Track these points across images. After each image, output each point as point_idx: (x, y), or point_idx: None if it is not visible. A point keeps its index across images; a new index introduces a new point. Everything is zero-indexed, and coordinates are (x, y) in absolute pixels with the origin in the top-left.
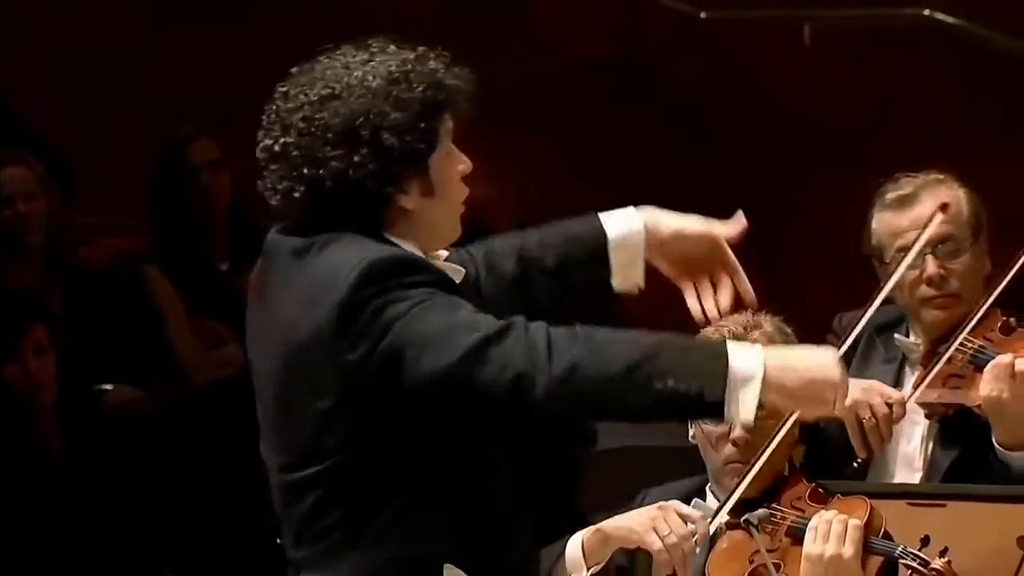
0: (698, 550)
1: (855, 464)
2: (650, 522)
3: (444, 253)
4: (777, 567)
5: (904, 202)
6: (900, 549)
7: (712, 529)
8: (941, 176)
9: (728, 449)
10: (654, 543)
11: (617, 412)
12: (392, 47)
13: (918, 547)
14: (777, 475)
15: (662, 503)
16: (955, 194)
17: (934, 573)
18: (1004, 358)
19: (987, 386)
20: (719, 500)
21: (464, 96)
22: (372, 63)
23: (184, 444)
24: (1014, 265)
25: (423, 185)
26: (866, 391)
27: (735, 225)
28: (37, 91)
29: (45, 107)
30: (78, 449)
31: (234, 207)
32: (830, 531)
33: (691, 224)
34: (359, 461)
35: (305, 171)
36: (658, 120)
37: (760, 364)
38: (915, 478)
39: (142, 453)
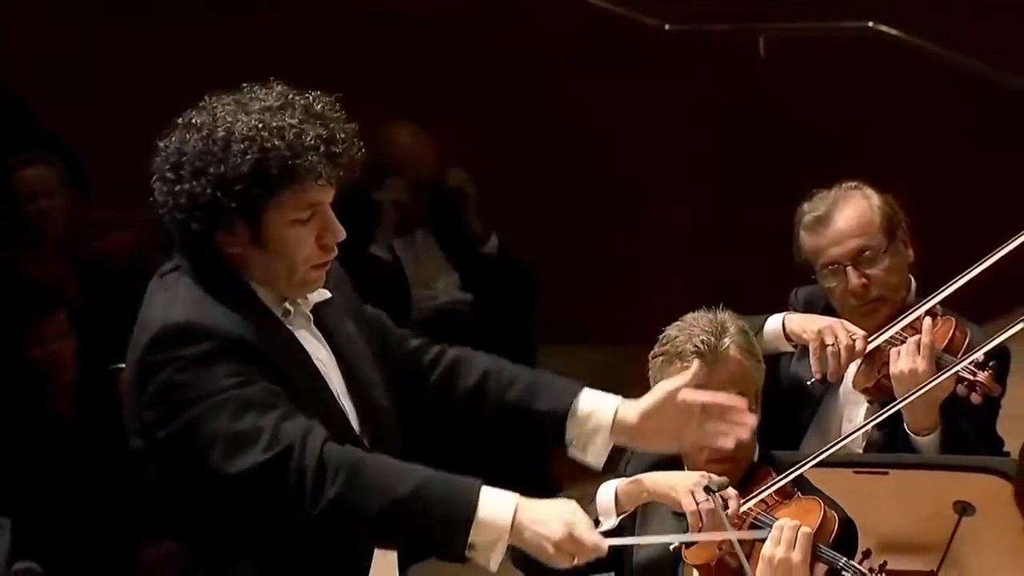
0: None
1: (809, 384)
2: (692, 486)
3: (326, 293)
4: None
5: (820, 223)
6: (843, 561)
7: (750, 504)
8: (854, 184)
9: (707, 454)
10: (690, 505)
11: (371, 541)
12: (296, 106)
13: (859, 559)
14: (748, 463)
15: (705, 472)
16: (867, 203)
17: None
18: (913, 340)
19: (899, 365)
20: None
21: (301, 177)
22: (242, 116)
23: None
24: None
25: (251, 236)
26: (836, 323)
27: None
28: (55, 95)
29: (62, 111)
30: (94, 422)
31: None
32: (782, 537)
33: (652, 398)
34: (170, 498)
35: (153, 178)
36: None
37: (507, 528)
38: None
39: None
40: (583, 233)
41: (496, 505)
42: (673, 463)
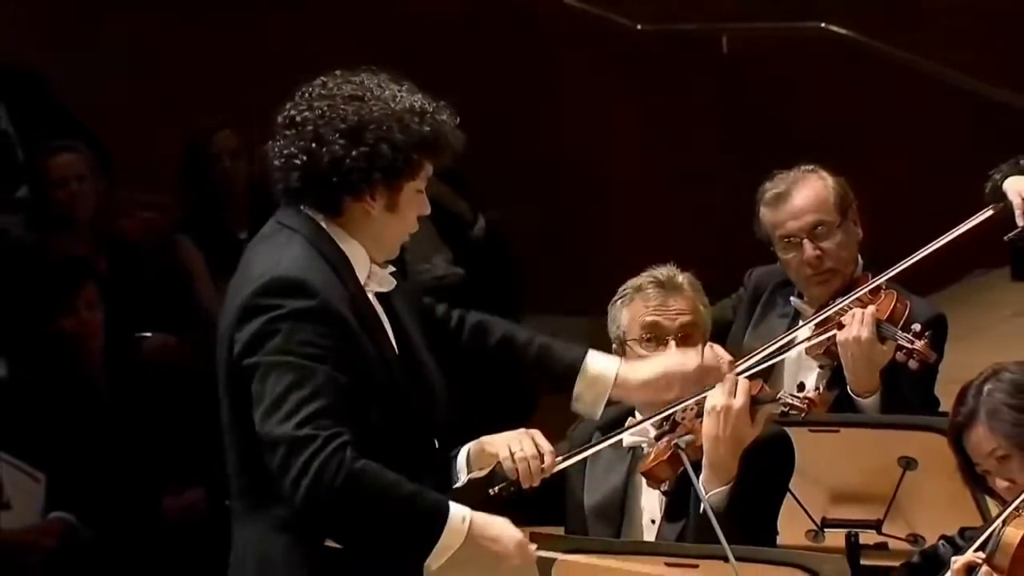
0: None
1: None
2: (510, 439)
3: (390, 268)
4: (690, 443)
5: (780, 199)
6: (780, 393)
7: (628, 444)
8: (811, 167)
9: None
10: (504, 454)
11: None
12: (420, 93)
13: (796, 390)
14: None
15: (528, 429)
16: (823, 183)
17: (807, 401)
18: (857, 311)
19: (844, 333)
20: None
21: (451, 153)
22: (402, 92)
23: (209, 381)
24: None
25: (390, 201)
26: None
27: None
28: (85, 89)
29: (92, 103)
30: (122, 385)
31: (255, 184)
32: (724, 388)
33: (655, 369)
34: (248, 428)
35: (313, 145)
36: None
37: (460, 541)
38: None
39: (175, 388)
40: (561, 216)
41: (454, 523)
42: (616, 424)
